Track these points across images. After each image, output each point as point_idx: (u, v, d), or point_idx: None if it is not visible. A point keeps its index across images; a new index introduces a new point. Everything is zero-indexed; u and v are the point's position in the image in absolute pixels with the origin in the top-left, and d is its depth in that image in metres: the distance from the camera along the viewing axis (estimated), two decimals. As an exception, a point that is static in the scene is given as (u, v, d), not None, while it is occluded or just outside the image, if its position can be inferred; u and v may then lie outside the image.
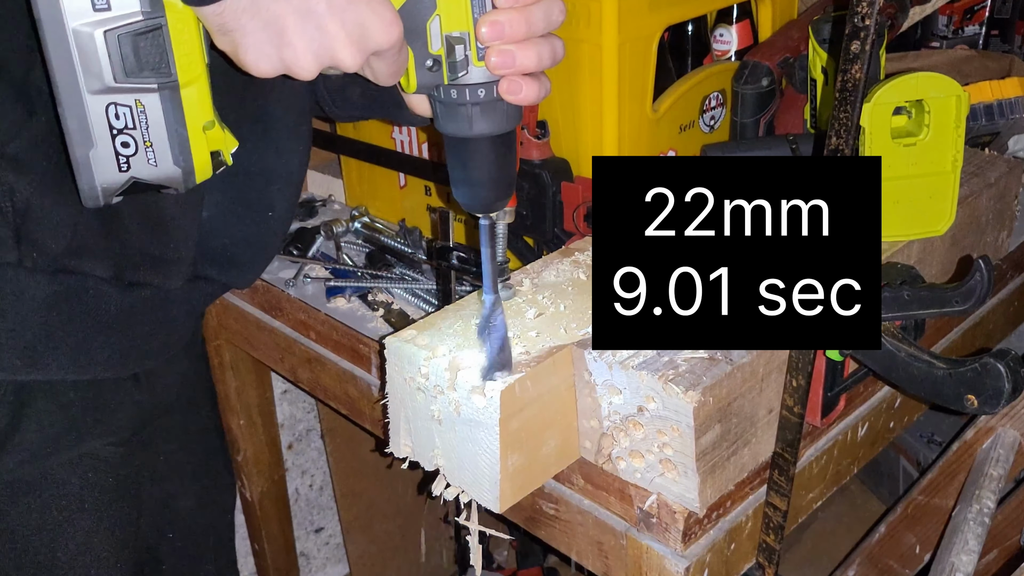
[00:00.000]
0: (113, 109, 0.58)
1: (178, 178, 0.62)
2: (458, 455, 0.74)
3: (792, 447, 0.77)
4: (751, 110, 1.05)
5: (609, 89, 0.94)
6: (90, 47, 0.56)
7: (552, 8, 0.63)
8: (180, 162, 0.61)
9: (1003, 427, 1.07)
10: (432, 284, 1.07)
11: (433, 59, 0.61)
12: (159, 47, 0.57)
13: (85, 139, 0.59)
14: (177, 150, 0.61)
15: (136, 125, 0.59)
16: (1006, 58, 1.36)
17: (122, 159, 0.60)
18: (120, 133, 0.59)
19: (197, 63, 0.60)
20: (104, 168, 0.60)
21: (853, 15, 0.63)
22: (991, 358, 0.64)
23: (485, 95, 0.62)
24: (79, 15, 0.55)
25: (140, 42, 0.57)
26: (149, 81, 0.58)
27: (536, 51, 0.62)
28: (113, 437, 0.75)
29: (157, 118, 0.59)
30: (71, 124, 0.58)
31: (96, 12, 0.56)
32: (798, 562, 1.71)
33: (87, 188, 0.60)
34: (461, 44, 0.60)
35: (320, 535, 1.78)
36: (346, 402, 1.07)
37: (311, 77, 0.60)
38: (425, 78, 0.62)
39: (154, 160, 0.60)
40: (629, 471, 0.76)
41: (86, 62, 0.57)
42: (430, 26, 0.60)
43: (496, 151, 0.65)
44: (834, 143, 0.67)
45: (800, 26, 1.07)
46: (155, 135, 0.60)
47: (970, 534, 0.98)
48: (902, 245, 0.88)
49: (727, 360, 0.72)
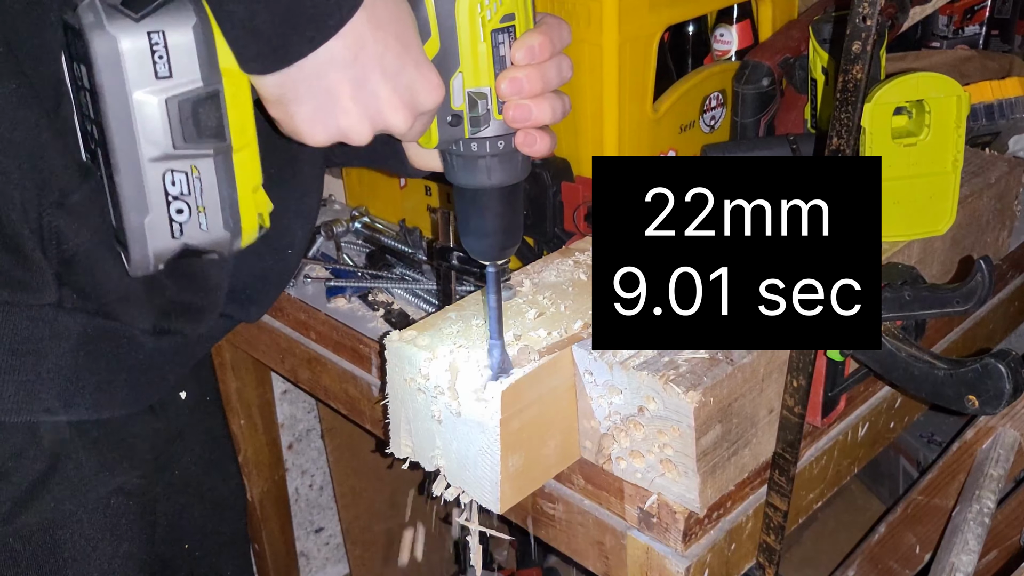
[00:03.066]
0: (170, 176, 0.59)
1: (227, 242, 0.63)
2: (458, 456, 0.74)
3: (792, 447, 0.77)
4: (751, 110, 1.05)
5: (609, 89, 0.94)
6: (152, 115, 0.57)
7: (563, 64, 0.66)
8: (230, 226, 0.62)
9: (1003, 427, 1.07)
10: (432, 284, 1.07)
11: (454, 115, 0.63)
12: (217, 113, 0.58)
13: (141, 206, 0.59)
14: (228, 214, 0.62)
15: (191, 191, 0.60)
16: (1006, 58, 1.36)
17: (175, 225, 0.60)
18: (175, 200, 0.60)
19: (249, 127, 0.61)
20: (158, 235, 0.60)
21: (854, 15, 0.63)
22: (992, 358, 0.64)
23: (504, 147, 0.65)
24: (142, 83, 0.56)
25: (199, 109, 0.58)
26: (206, 147, 0.59)
27: (550, 105, 0.65)
28: (138, 470, 0.77)
29: (211, 183, 0.60)
30: (127, 191, 0.59)
31: (158, 80, 0.56)
32: (798, 562, 1.71)
33: (139, 256, 0.61)
34: (483, 99, 0.63)
35: (320, 535, 1.78)
36: (346, 402, 1.07)
37: (366, 143, 0.62)
38: (446, 133, 0.64)
39: (206, 225, 0.61)
40: (629, 471, 0.76)
41: (147, 130, 0.57)
42: (453, 83, 0.62)
43: (508, 201, 0.67)
44: (835, 143, 0.67)
45: (800, 26, 1.07)
46: (208, 200, 0.60)
47: (970, 534, 0.98)
48: (903, 245, 0.88)
49: (728, 360, 0.72)
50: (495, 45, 0.61)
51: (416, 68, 0.60)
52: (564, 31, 0.66)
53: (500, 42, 0.61)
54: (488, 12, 0.60)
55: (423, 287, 1.07)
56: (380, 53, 0.59)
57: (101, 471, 0.74)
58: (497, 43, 0.61)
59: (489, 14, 0.60)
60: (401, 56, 0.60)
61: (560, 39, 0.66)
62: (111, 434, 0.74)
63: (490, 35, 0.61)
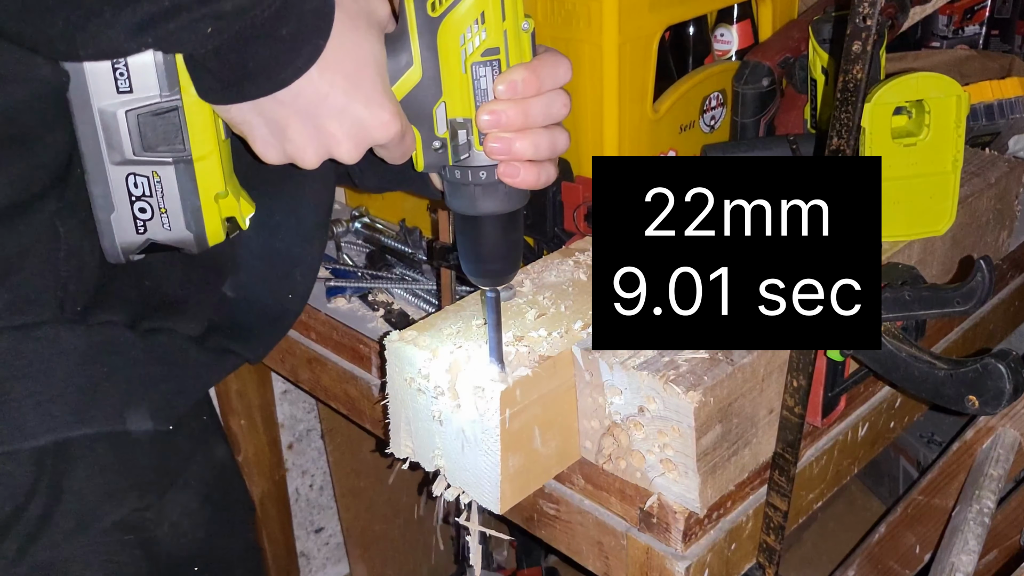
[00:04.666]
0: (132, 179, 0.65)
1: (190, 241, 0.68)
2: (459, 456, 0.74)
3: (793, 447, 0.77)
4: (751, 110, 1.05)
5: (609, 89, 0.94)
6: (113, 124, 0.63)
7: (553, 102, 0.66)
8: (192, 227, 0.67)
9: (1003, 427, 1.07)
10: (432, 284, 1.07)
11: (440, 141, 0.65)
12: (175, 125, 0.64)
13: (107, 204, 0.65)
14: (190, 216, 0.67)
15: (153, 193, 0.66)
16: (1006, 58, 1.36)
17: (139, 223, 0.66)
18: (138, 200, 0.66)
19: (210, 140, 0.65)
20: (124, 230, 0.66)
21: (854, 15, 0.63)
22: (992, 359, 0.64)
23: (486, 177, 0.66)
24: (104, 96, 0.62)
25: (158, 121, 0.63)
26: (165, 155, 0.65)
27: (532, 141, 0.65)
28: (142, 500, 0.76)
29: (172, 188, 0.66)
30: (95, 190, 0.65)
31: (119, 95, 0.62)
32: (798, 562, 1.71)
33: (109, 247, 0.67)
34: (464, 129, 0.64)
35: (320, 535, 1.78)
36: (346, 402, 1.07)
37: (314, 167, 0.65)
38: (432, 158, 0.66)
39: (168, 225, 0.67)
40: (630, 471, 0.76)
41: (109, 137, 0.63)
42: (436, 111, 0.64)
43: (501, 229, 0.68)
44: (835, 143, 0.67)
45: (800, 26, 1.07)
46: (169, 203, 0.66)
47: (970, 534, 0.98)
48: (903, 245, 0.88)
49: (728, 360, 0.72)
50: (476, 78, 0.63)
51: (365, 106, 0.62)
52: (560, 68, 0.66)
53: (482, 75, 0.63)
54: (470, 45, 0.62)
55: (423, 287, 1.07)
56: (326, 93, 0.62)
57: (106, 500, 0.73)
58: (478, 76, 0.63)
59: (471, 47, 0.62)
60: (349, 94, 0.62)
61: (553, 76, 0.65)
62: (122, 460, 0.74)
63: (471, 67, 0.63)
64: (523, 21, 0.63)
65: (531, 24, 0.64)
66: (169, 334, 0.76)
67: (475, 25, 0.61)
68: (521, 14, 0.63)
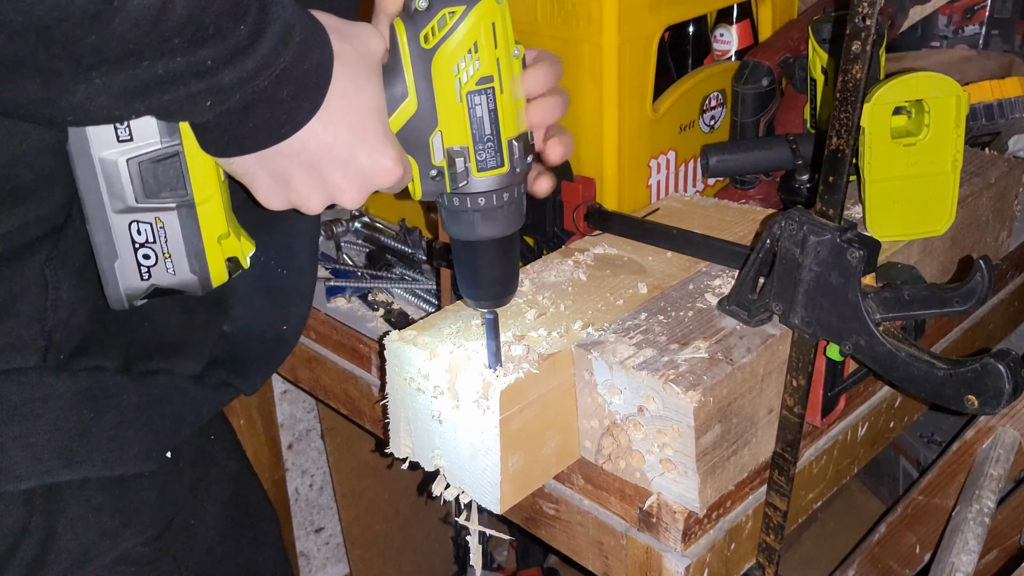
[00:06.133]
0: (135, 226, 0.64)
1: (195, 284, 0.67)
2: (458, 456, 0.74)
3: (792, 447, 0.77)
4: (751, 110, 1.05)
5: (609, 89, 0.94)
6: (114, 173, 0.62)
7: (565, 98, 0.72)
8: (196, 270, 0.67)
9: (1003, 427, 1.07)
10: (432, 284, 1.07)
11: (437, 170, 0.66)
12: (176, 171, 0.63)
13: (111, 252, 0.64)
14: (194, 259, 0.66)
15: (156, 239, 0.65)
16: (1006, 58, 1.36)
17: (143, 269, 0.66)
18: (142, 247, 0.65)
19: (212, 183, 0.65)
20: (128, 277, 0.65)
21: (854, 15, 0.63)
22: (992, 358, 0.64)
23: (485, 203, 0.66)
24: (104, 145, 0.61)
25: (159, 168, 0.62)
26: (168, 201, 0.64)
27: None
28: (141, 537, 0.76)
29: (175, 233, 0.65)
30: (97, 238, 0.64)
31: (120, 143, 0.61)
32: (798, 562, 1.71)
33: (112, 294, 0.66)
34: (461, 157, 0.65)
35: (320, 535, 1.78)
36: (346, 402, 1.07)
37: (317, 213, 0.66)
38: (429, 186, 0.67)
39: (172, 269, 0.66)
40: (629, 471, 0.75)
41: (111, 186, 0.62)
42: (432, 140, 0.65)
43: (498, 253, 0.69)
44: (835, 143, 0.67)
45: (800, 26, 1.07)
46: (173, 247, 0.65)
47: (970, 534, 0.98)
48: (902, 245, 0.88)
49: (727, 360, 0.72)
50: (472, 106, 0.64)
51: (368, 155, 0.63)
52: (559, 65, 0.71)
53: (477, 103, 0.64)
54: (464, 75, 0.62)
55: (423, 287, 1.07)
56: (329, 144, 0.62)
57: (101, 539, 0.73)
58: (474, 104, 0.64)
59: (466, 76, 0.62)
60: (352, 145, 0.62)
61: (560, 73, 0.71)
62: (116, 499, 0.73)
63: (467, 96, 0.63)
64: (514, 48, 0.64)
65: (521, 50, 0.66)
66: (167, 375, 0.76)
67: (468, 55, 0.62)
68: (512, 41, 0.64)
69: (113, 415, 0.71)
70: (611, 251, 0.90)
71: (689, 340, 0.75)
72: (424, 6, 0.61)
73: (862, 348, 0.70)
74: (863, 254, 0.68)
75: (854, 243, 0.68)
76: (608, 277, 0.85)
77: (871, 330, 0.69)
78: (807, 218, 0.70)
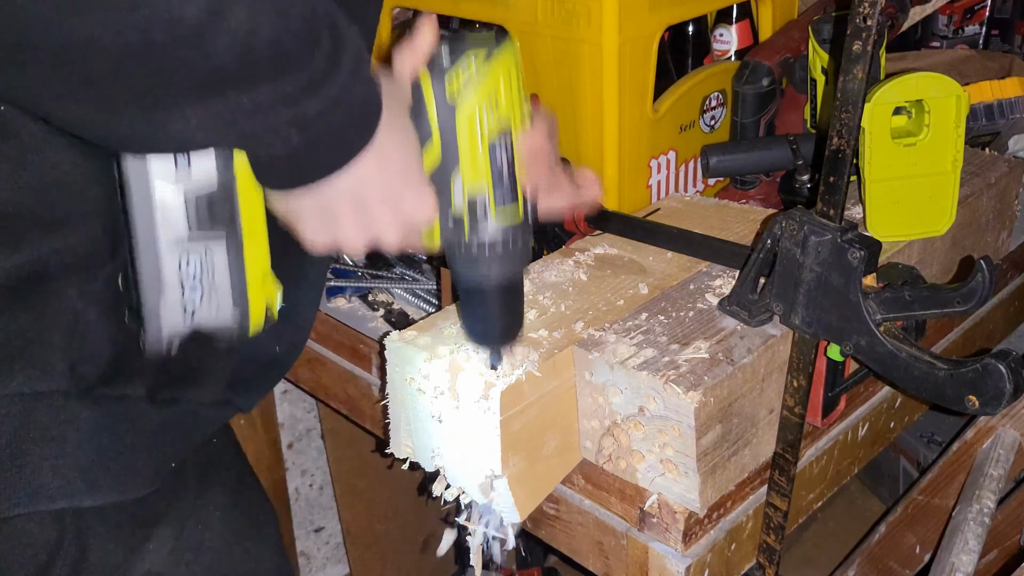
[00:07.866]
0: (185, 257, 0.64)
1: (234, 325, 0.67)
2: (459, 456, 0.74)
3: (793, 447, 0.77)
4: (751, 110, 1.05)
5: (609, 89, 0.94)
6: (170, 203, 0.62)
7: None
8: (239, 306, 0.67)
9: (1003, 427, 1.07)
10: (432, 284, 1.07)
11: (455, 220, 0.67)
12: (230, 203, 0.63)
13: (157, 285, 0.64)
14: (237, 295, 0.66)
15: (204, 271, 0.65)
16: (1006, 58, 1.36)
17: (188, 305, 0.65)
18: (189, 280, 0.65)
19: (259, 217, 0.65)
20: (171, 314, 0.65)
21: (854, 15, 0.63)
22: (992, 359, 0.64)
23: (502, 249, 0.67)
24: (164, 176, 0.61)
25: (214, 200, 0.63)
26: (219, 232, 0.64)
27: None
28: (162, 550, 0.77)
29: (223, 265, 0.65)
30: (146, 271, 0.63)
31: (178, 173, 0.61)
32: (798, 562, 1.71)
33: (153, 336, 0.65)
34: (482, 202, 0.66)
35: (320, 535, 1.78)
36: (346, 402, 1.07)
37: (360, 255, 0.67)
38: (447, 234, 0.68)
39: (216, 306, 0.66)
40: (630, 471, 0.75)
41: (165, 217, 0.62)
42: (453, 184, 0.66)
43: (509, 294, 0.70)
44: (835, 143, 0.67)
45: (800, 26, 1.07)
46: (219, 282, 0.65)
47: (970, 534, 0.98)
48: (903, 245, 0.88)
49: (728, 360, 0.72)
50: (492, 155, 0.65)
51: (414, 193, 0.65)
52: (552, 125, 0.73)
53: (498, 149, 0.65)
54: (486, 127, 0.64)
55: (423, 287, 1.07)
56: (381, 182, 0.63)
57: (129, 555, 0.73)
58: (495, 152, 0.65)
59: (487, 128, 0.64)
60: (400, 183, 0.64)
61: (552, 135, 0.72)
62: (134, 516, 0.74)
63: (488, 147, 0.65)
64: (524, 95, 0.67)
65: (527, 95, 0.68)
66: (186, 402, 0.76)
67: (490, 107, 0.64)
68: (523, 87, 0.66)
69: (129, 440, 0.71)
70: (612, 251, 0.90)
71: (690, 340, 0.75)
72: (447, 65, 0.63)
73: (863, 348, 0.70)
74: (864, 254, 0.68)
75: (855, 243, 0.68)
76: (609, 277, 0.85)
77: (872, 330, 0.69)
78: (808, 218, 0.70)
